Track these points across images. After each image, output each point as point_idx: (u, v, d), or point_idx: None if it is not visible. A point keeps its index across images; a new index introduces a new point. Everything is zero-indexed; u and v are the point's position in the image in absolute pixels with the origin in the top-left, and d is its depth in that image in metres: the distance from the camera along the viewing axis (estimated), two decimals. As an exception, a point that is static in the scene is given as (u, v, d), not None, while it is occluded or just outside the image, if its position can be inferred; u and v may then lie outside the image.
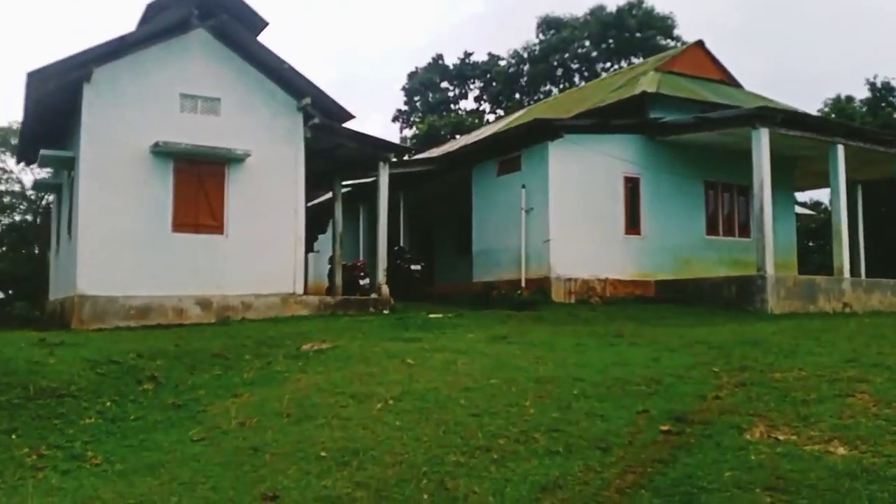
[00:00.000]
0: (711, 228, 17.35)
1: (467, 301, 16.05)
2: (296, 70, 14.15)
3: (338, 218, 16.58)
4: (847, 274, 14.75)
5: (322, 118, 14.40)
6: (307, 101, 14.10)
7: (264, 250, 13.58)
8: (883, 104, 35.69)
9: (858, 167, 17.70)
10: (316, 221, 19.54)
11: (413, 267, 18.58)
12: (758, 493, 4.32)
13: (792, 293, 13.93)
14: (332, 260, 16.85)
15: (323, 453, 5.26)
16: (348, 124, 15.18)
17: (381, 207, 15.08)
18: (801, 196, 35.84)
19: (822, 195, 36.42)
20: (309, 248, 18.08)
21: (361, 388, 6.94)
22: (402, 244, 20.45)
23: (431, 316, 13.02)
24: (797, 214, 28.49)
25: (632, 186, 16.54)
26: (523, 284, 15.82)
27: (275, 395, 6.96)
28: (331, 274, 16.84)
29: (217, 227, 13.49)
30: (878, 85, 36.30)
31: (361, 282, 16.01)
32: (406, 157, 27.10)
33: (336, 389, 6.93)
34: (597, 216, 15.97)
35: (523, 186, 16.23)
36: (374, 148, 15.33)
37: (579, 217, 15.74)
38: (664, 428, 5.60)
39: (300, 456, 5.26)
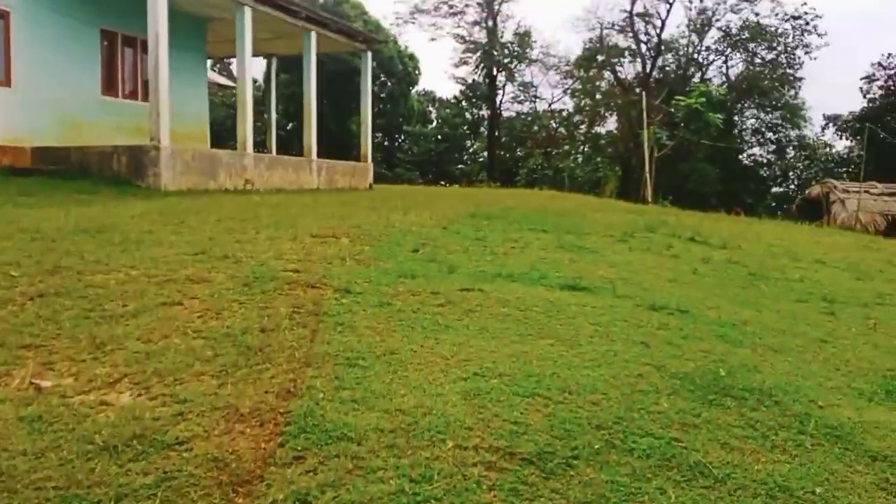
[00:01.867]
0: (109, 88, 14.61)
1: None
2: None
3: None
4: (250, 149, 14.07)
5: None
6: None
7: None
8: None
9: (272, 39, 17.17)
10: None
11: None
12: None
13: (191, 168, 12.53)
14: None
15: None
16: None
17: None
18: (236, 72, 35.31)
19: (256, 72, 36.68)
20: None
21: None
22: None
23: None
24: (228, 87, 27.54)
25: (-1, 21, 12.54)
26: None
27: None
28: None
29: None
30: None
31: None
32: None
33: None
34: (-61, 54, 11.64)
35: None
36: None
37: None
38: None
39: None
